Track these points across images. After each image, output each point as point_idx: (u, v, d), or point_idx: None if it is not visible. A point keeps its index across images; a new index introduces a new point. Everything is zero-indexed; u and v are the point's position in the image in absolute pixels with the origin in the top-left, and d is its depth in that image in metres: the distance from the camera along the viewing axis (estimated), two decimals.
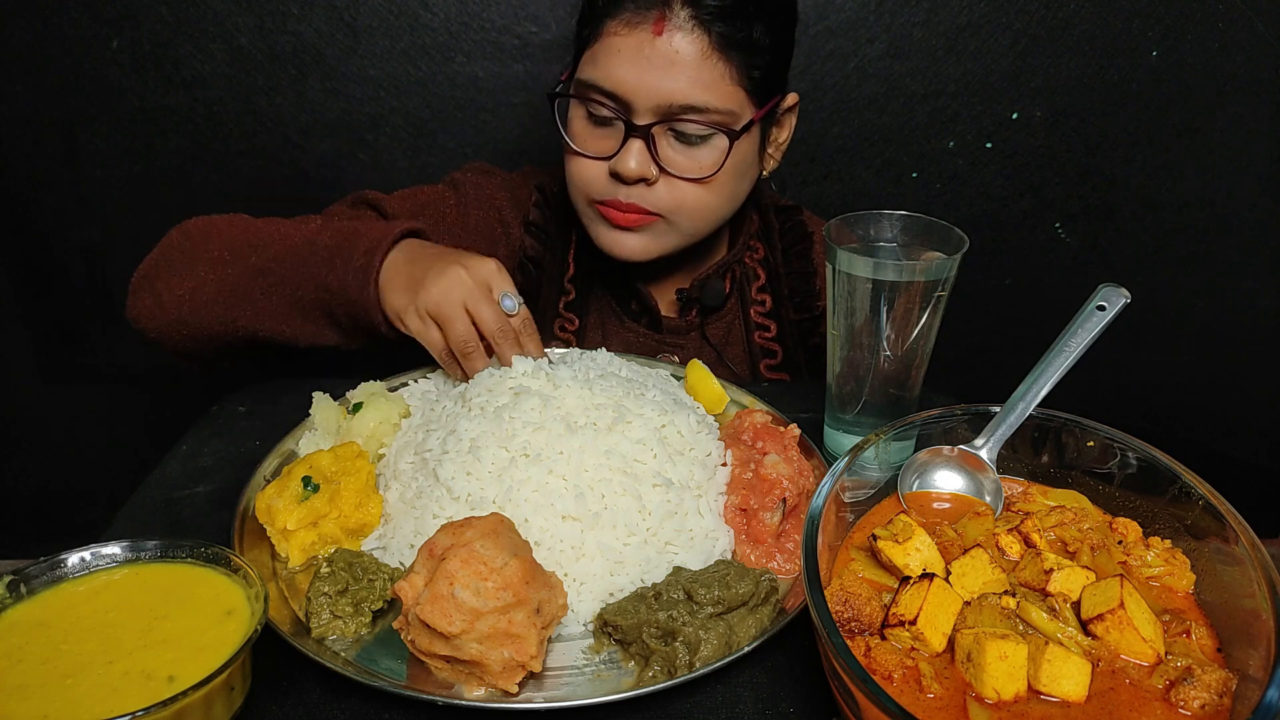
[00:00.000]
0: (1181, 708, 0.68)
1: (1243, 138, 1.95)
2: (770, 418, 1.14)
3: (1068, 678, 0.68)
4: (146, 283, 1.32)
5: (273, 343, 1.29)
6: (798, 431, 1.11)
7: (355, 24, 1.84)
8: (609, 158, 1.28)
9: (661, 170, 1.28)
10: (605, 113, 1.27)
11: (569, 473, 0.96)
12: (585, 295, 1.52)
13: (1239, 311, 2.11)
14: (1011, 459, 0.95)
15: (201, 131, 1.92)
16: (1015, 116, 1.95)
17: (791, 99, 1.39)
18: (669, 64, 1.21)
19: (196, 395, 1.36)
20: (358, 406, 1.10)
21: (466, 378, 1.15)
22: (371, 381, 1.18)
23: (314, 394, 1.12)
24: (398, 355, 1.28)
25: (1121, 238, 2.06)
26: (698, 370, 1.23)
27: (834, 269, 1.07)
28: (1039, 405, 0.92)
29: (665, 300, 1.54)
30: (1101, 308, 0.95)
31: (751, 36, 1.24)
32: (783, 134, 1.43)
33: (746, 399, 1.23)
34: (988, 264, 2.08)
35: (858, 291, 1.05)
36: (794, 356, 1.51)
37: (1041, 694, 0.69)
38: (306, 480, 0.97)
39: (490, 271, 1.15)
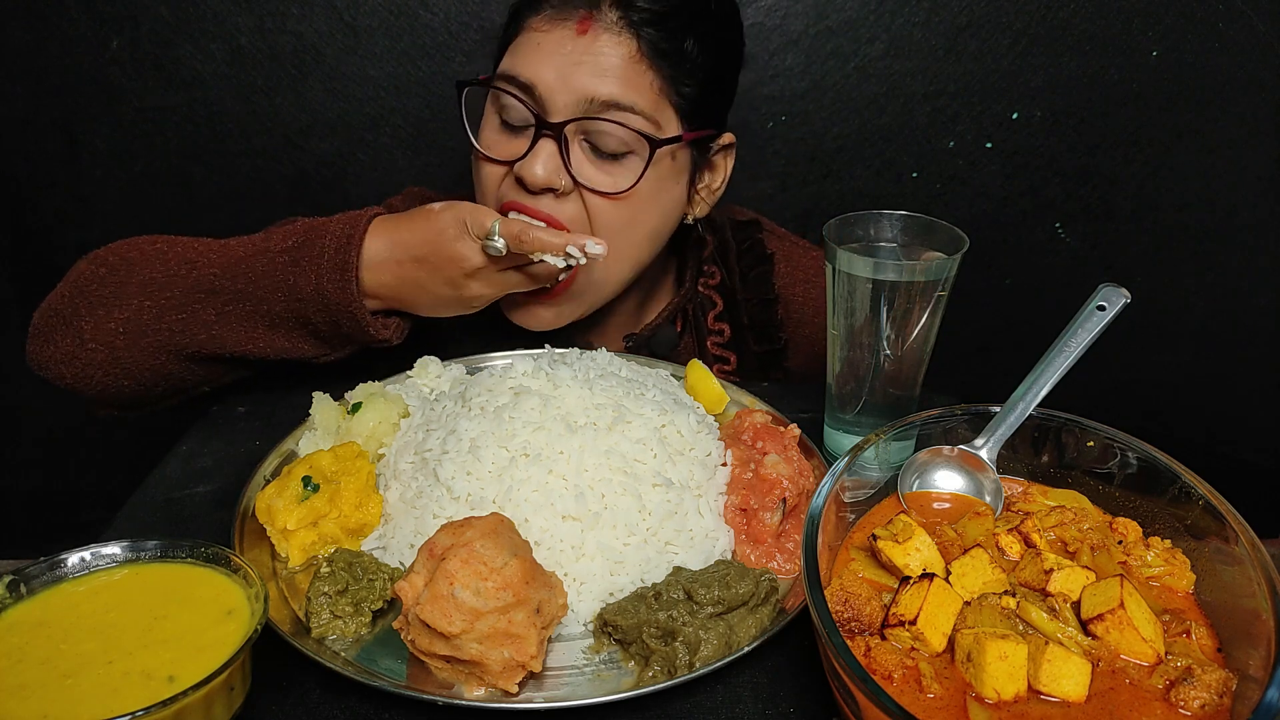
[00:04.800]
0: (1181, 708, 0.68)
1: (1243, 138, 1.95)
2: (770, 418, 1.14)
3: (1068, 678, 0.69)
4: (62, 321, 1.17)
5: (234, 362, 1.21)
6: (798, 431, 1.11)
7: (355, 24, 1.84)
8: (514, 161, 1.19)
9: (575, 183, 1.18)
10: (520, 112, 1.18)
11: (569, 473, 0.96)
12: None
13: (1239, 311, 2.10)
14: (1011, 459, 0.95)
15: (201, 131, 1.92)
16: (1015, 116, 1.95)
17: (727, 138, 1.31)
18: (594, 63, 1.15)
19: (196, 395, 1.36)
20: (357, 406, 1.10)
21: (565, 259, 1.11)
22: (371, 382, 1.18)
23: (314, 394, 1.12)
24: (397, 355, 1.28)
25: (1121, 238, 2.06)
26: (698, 370, 1.22)
27: (834, 269, 1.07)
28: (1039, 405, 0.92)
29: (612, 346, 1.41)
30: (1101, 308, 0.95)
31: (683, 47, 1.18)
32: (716, 178, 1.34)
33: (746, 399, 1.23)
34: (988, 264, 2.08)
35: (858, 291, 1.05)
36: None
37: (1041, 694, 0.69)
38: (306, 480, 0.97)
39: (465, 216, 1.11)
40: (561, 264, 1.12)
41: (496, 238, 1.09)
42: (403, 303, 1.18)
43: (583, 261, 1.11)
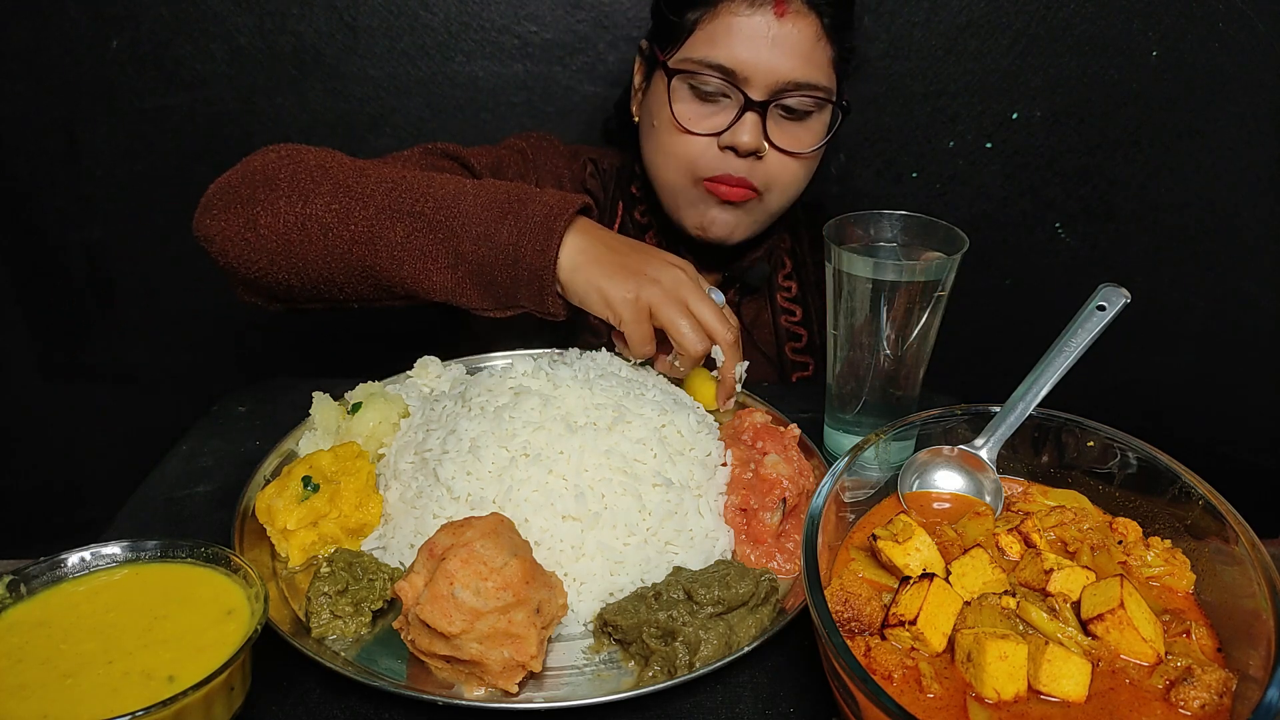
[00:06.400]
0: (1181, 708, 0.68)
1: (1243, 138, 1.95)
2: (770, 418, 1.14)
3: (1068, 678, 0.69)
4: (238, 201, 1.20)
5: (394, 289, 1.21)
6: (798, 431, 1.11)
7: (355, 24, 1.84)
8: (720, 133, 1.33)
9: (770, 145, 1.34)
10: (719, 89, 1.31)
11: (569, 473, 0.96)
12: None
13: (1239, 311, 2.10)
14: (1011, 459, 0.95)
15: (201, 131, 1.92)
16: (1015, 116, 1.95)
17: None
18: (788, 45, 1.29)
19: (196, 395, 1.36)
20: (357, 406, 1.10)
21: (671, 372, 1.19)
22: (371, 382, 1.18)
23: (314, 394, 1.12)
24: (398, 354, 1.28)
25: (1121, 238, 2.06)
26: (697, 370, 1.22)
27: (833, 269, 1.07)
28: (1039, 405, 0.92)
29: (706, 276, 1.55)
30: (1101, 308, 0.95)
31: (850, 21, 1.36)
32: None
33: (747, 399, 1.23)
34: (988, 264, 2.08)
35: (858, 291, 1.05)
36: (818, 340, 1.58)
37: (1041, 694, 0.69)
38: (306, 480, 0.97)
39: (695, 272, 1.18)
40: (683, 368, 1.19)
41: (717, 294, 1.19)
42: (581, 269, 1.16)
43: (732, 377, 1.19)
